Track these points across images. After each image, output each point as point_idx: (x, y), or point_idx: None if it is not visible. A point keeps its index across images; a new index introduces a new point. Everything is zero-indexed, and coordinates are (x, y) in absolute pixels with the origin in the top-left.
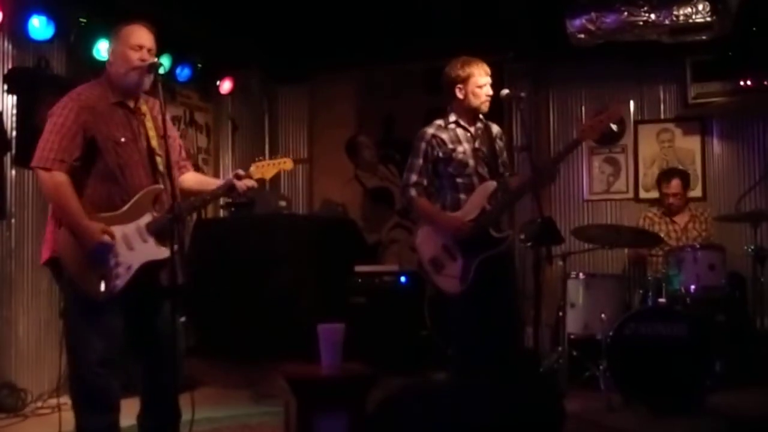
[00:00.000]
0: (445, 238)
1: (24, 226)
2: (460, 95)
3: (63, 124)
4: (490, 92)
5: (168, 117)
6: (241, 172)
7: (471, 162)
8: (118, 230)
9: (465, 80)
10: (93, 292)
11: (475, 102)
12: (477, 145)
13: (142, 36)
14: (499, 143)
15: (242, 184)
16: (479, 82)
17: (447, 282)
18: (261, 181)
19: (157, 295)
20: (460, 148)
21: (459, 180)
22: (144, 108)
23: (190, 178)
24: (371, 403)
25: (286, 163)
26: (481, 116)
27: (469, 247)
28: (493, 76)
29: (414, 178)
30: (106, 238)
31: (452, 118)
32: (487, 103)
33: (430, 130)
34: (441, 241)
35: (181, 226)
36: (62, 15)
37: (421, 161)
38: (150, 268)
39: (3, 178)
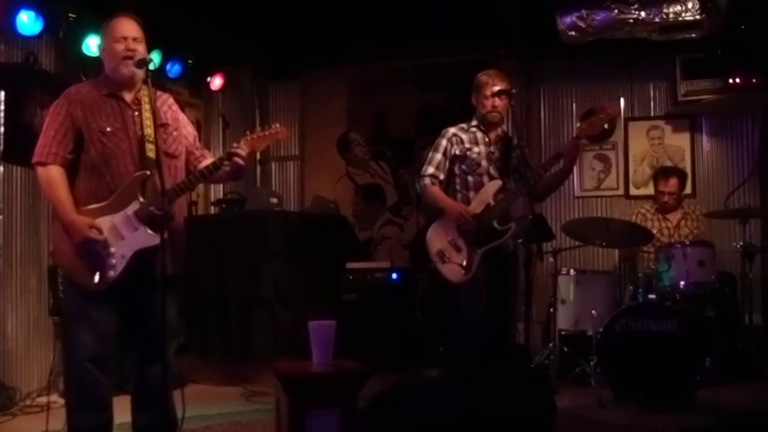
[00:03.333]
0: (452, 233)
1: (12, 223)
2: (474, 102)
3: (55, 120)
4: (498, 104)
5: (177, 109)
6: (233, 149)
7: (484, 163)
8: (107, 221)
9: (477, 90)
10: (87, 284)
11: (482, 111)
12: (492, 149)
13: (124, 27)
14: (518, 152)
15: (227, 164)
16: (485, 93)
17: (452, 270)
18: (251, 155)
19: (152, 287)
20: (475, 149)
21: (470, 178)
22: (145, 99)
23: (201, 167)
24: (363, 399)
25: (280, 132)
26: (504, 127)
27: (473, 239)
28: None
29: (431, 170)
30: (93, 233)
31: (474, 122)
32: (494, 114)
33: (453, 129)
34: (448, 237)
35: (180, 214)
36: (51, 10)
37: (440, 156)
38: (144, 255)
39: None
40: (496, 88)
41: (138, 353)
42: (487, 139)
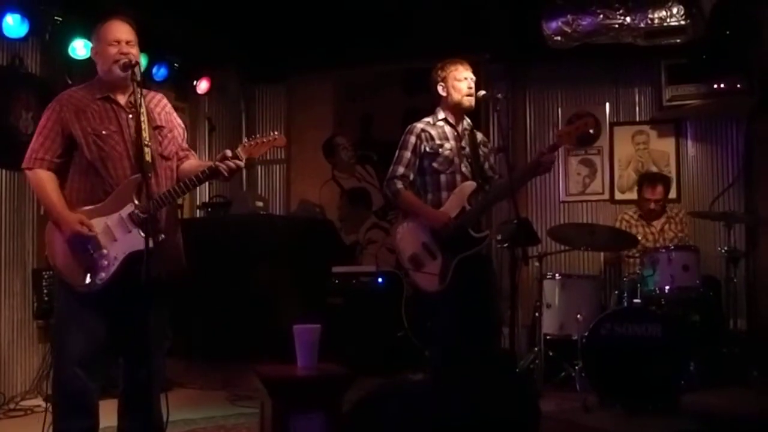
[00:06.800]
0: (426, 236)
1: None
2: (443, 93)
3: (45, 125)
4: (472, 86)
5: (170, 109)
6: (228, 153)
7: (456, 160)
8: (100, 222)
9: (445, 78)
10: (78, 284)
11: (456, 96)
12: (462, 144)
13: (118, 30)
14: (483, 149)
15: (224, 166)
16: (458, 77)
17: (427, 280)
18: (250, 161)
19: (143, 290)
20: (447, 145)
21: (443, 177)
22: (141, 101)
23: (186, 166)
24: (347, 403)
25: (278, 140)
26: (467, 119)
27: (448, 245)
28: None
29: (401, 170)
30: (83, 228)
31: (440, 115)
32: (470, 99)
33: (420, 125)
34: (421, 239)
35: (171, 217)
36: (37, 13)
37: (409, 154)
38: (136, 259)
39: None
40: (469, 74)
41: (128, 357)
42: (456, 134)
